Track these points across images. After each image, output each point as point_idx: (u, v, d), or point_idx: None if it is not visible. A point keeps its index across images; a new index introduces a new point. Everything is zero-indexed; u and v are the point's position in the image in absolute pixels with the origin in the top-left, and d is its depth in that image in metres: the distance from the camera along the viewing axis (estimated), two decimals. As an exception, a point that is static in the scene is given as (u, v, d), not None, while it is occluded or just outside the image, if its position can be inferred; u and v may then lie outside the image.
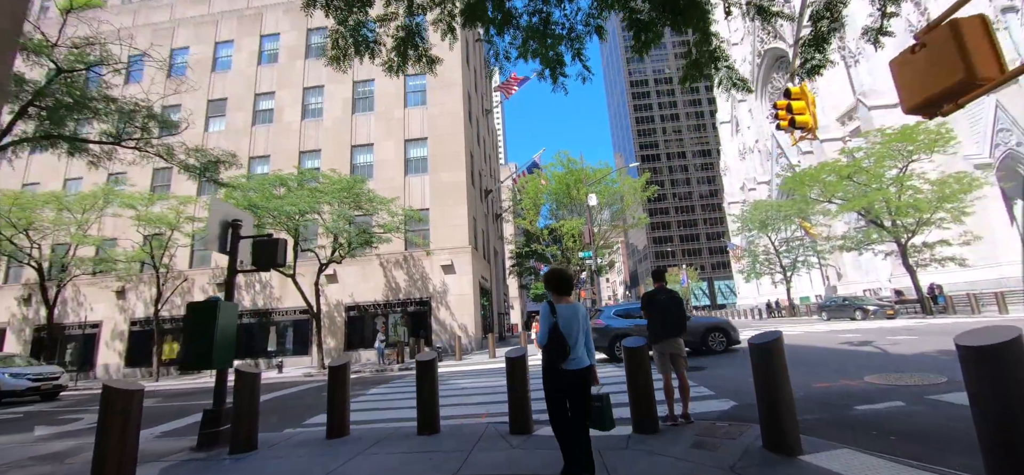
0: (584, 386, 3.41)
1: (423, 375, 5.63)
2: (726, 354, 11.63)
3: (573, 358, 3.36)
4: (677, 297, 5.41)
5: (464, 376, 12.46)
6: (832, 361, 9.25)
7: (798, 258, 38.78)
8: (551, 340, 3.37)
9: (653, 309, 5.31)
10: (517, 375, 5.33)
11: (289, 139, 25.45)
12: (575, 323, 3.41)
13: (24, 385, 13.87)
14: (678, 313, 5.28)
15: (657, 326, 5.24)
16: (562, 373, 3.36)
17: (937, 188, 21.86)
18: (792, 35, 51.87)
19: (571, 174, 23.23)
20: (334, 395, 5.81)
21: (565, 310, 3.44)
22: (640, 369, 4.93)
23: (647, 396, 4.89)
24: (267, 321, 23.16)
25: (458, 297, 21.75)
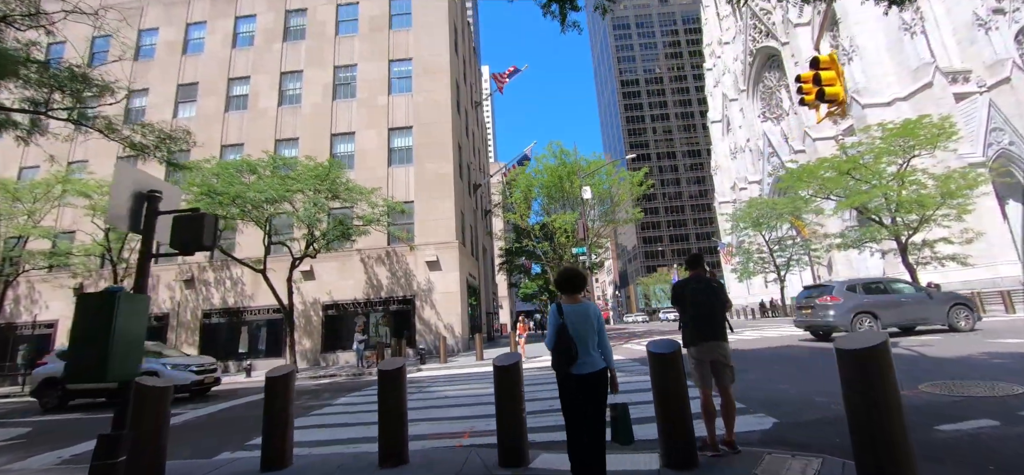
0: (598, 393, 3.12)
1: (387, 389, 4.36)
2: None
3: (583, 361, 3.11)
4: (719, 288, 4.23)
5: (448, 382, 11.19)
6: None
7: (792, 257, 38.19)
8: (558, 342, 3.13)
9: (687, 303, 4.15)
10: (508, 389, 4.11)
11: (264, 127, 23.87)
12: (585, 324, 3.17)
13: (189, 378, 11.32)
14: (713, 308, 4.11)
15: (696, 324, 4.07)
16: (572, 378, 3.13)
17: (941, 184, 21.18)
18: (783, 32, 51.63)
19: (564, 166, 22.05)
20: (271, 415, 4.52)
21: (573, 310, 3.20)
22: (670, 381, 3.74)
23: (680, 417, 3.70)
24: (238, 321, 21.59)
25: (444, 295, 20.45)
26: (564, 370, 3.13)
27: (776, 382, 7.37)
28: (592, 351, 3.16)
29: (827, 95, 7.88)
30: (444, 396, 8.63)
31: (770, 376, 8.02)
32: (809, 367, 8.75)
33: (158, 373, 10.43)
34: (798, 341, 13.37)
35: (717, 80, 70.98)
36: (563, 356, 3.11)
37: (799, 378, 7.64)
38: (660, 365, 3.79)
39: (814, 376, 7.66)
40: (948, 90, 35.00)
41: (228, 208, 14.01)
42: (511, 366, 4.10)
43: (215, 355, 21.09)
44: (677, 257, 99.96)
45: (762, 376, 8.04)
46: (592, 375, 3.11)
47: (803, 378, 7.61)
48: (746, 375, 8.17)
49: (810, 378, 7.54)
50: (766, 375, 8.15)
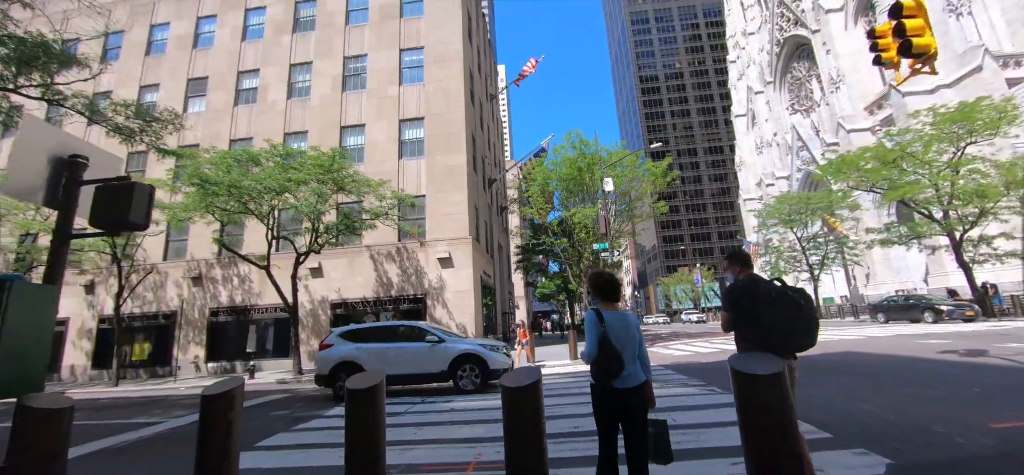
0: (640, 407, 2.87)
1: (358, 416, 3.20)
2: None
3: (627, 374, 2.85)
4: (800, 296, 3.09)
5: (457, 392, 10.03)
6: (965, 380, 6.72)
7: (827, 255, 35.92)
8: (602, 352, 2.82)
9: (754, 309, 3.09)
10: (524, 419, 2.89)
11: (273, 120, 23.20)
12: (626, 333, 2.91)
13: (506, 363, 10.42)
14: (812, 317, 3.04)
15: (770, 336, 3.02)
16: (614, 392, 2.85)
17: (1005, 172, 19.11)
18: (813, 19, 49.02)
19: (583, 157, 20.69)
20: (206, 445, 3.38)
21: (614, 318, 2.92)
22: (774, 406, 2.46)
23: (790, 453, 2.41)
24: (246, 320, 20.90)
25: (456, 294, 19.35)
26: (607, 383, 2.87)
27: (853, 399, 5.99)
28: (634, 363, 2.93)
29: (915, 47, 6.43)
30: (449, 410, 7.47)
31: (839, 391, 6.62)
32: (881, 378, 7.30)
33: (481, 356, 9.72)
34: (849, 348, 11.79)
35: (741, 72, 68.39)
36: (609, 368, 2.83)
37: (879, 393, 6.23)
38: (751, 389, 2.51)
39: (896, 391, 6.24)
40: (999, 75, 32.35)
41: (224, 199, 13.14)
42: (527, 388, 2.88)
43: (223, 355, 20.60)
44: (698, 257, 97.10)
45: (828, 392, 6.64)
46: (635, 389, 2.89)
47: (884, 393, 6.20)
48: (806, 391, 6.78)
49: (893, 393, 6.13)
50: (832, 390, 6.75)
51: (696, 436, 4.82)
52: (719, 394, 6.99)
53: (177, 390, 15.19)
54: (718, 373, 9.26)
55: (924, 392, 6.08)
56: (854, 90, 43.55)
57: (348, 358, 9.45)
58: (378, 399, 3.27)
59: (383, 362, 9.37)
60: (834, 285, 47.15)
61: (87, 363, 21.67)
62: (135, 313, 21.66)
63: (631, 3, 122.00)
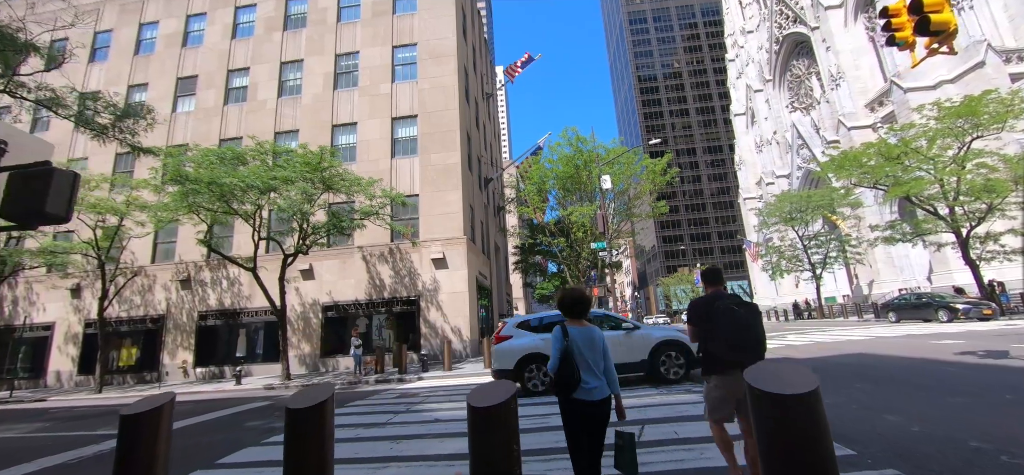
0: (602, 420, 2.97)
1: (299, 441, 2.69)
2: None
3: (588, 387, 2.94)
4: (752, 308, 3.39)
5: (446, 396, 9.52)
6: (992, 386, 6.21)
7: (829, 254, 35.42)
8: (563, 366, 2.94)
9: (710, 323, 3.36)
10: (495, 445, 2.39)
11: (263, 119, 22.70)
12: (590, 347, 3.02)
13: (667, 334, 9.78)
14: (759, 329, 3.30)
15: (723, 348, 3.27)
16: (576, 403, 2.95)
17: (1014, 166, 18.63)
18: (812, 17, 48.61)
19: (580, 155, 20.17)
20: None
21: (579, 333, 3.05)
22: (810, 430, 1.95)
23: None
24: (235, 323, 20.40)
25: (451, 295, 18.84)
26: (567, 396, 2.98)
27: (873, 408, 5.48)
28: (599, 376, 3.04)
29: (933, 24, 5.93)
30: (434, 418, 6.96)
31: (857, 399, 6.11)
32: (900, 383, 6.79)
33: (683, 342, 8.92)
34: (860, 349, 11.28)
35: (740, 71, 67.94)
36: (568, 381, 2.95)
37: (901, 401, 5.72)
38: (788, 409, 2.00)
39: (919, 398, 5.74)
40: (1002, 70, 31.84)
41: (206, 198, 12.60)
42: (499, 409, 2.37)
43: (211, 360, 20.07)
44: (699, 257, 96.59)
45: (845, 399, 6.13)
46: (598, 402, 2.98)
47: (906, 401, 5.69)
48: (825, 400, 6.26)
49: (916, 401, 5.63)
50: (849, 397, 6.24)
51: (700, 452, 4.31)
52: (724, 401, 6.47)
53: (160, 397, 14.64)
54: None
55: (950, 399, 5.57)
56: (854, 87, 43.10)
57: (534, 350, 8.71)
58: (325, 420, 2.76)
59: None
60: (836, 284, 46.64)
61: (73, 369, 21.14)
62: (122, 317, 21.13)
63: (629, 3, 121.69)
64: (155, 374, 19.98)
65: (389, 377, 14.04)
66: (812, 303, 37.98)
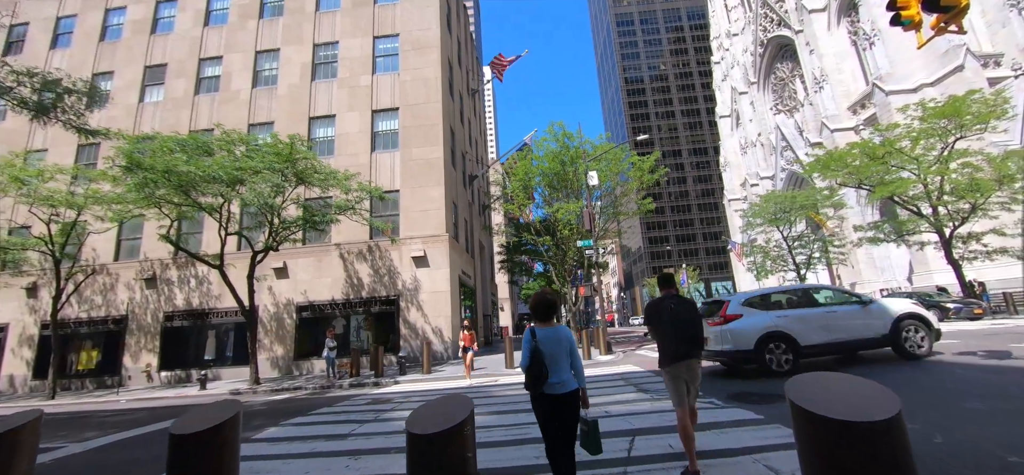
0: (570, 411, 3.24)
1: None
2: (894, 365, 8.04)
3: (555, 382, 3.23)
4: (691, 305, 4.10)
5: (422, 401, 8.82)
6: (1005, 390, 5.80)
7: (813, 255, 35.59)
8: (532, 363, 3.22)
9: (659, 323, 4.01)
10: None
11: (237, 109, 21.66)
12: (557, 346, 3.30)
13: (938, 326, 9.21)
14: (696, 327, 3.92)
15: (669, 344, 3.92)
16: (545, 398, 3.24)
17: (997, 166, 18.69)
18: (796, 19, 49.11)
19: (566, 150, 19.62)
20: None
21: (546, 333, 3.33)
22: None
23: None
24: (204, 324, 19.34)
25: (432, 295, 18.12)
26: (537, 390, 3.21)
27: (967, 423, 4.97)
28: (565, 372, 3.28)
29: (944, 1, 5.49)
30: (404, 429, 6.28)
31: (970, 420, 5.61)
32: (904, 387, 6.35)
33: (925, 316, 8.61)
34: (952, 355, 10.89)
35: (725, 73, 68.48)
36: (536, 377, 3.18)
37: (911, 407, 5.25)
38: (856, 439, 1.40)
39: (930, 404, 5.28)
40: (981, 73, 32.39)
41: (166, 190, 11.66)
42: (446, 437, 1.74)
43: (178, 363, 18.97)
44: (684, 258, 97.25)
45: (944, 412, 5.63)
46: (565, 395, 3.22)
47: (917, 408, 5.23)
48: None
49: (928, 408, 5.17)
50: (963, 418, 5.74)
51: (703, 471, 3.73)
52: (722, 408, 5.95)
53: (116, 403, 13.65)
54: (712, 378, 8.27)
55: (966, 405, 5.12)
56: (837, 90, 43.58)
57: (773, 328, 8.19)
58: (224, 448, 2.08)
59: (815, 329, 8.22)
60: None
61: (28, 373, 19.81)
62: (82, 318, 19.91)
63: (616, 4, 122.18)
64: (117, 378, 18.83)
65: (364, 381, 13.28)
66: (796, 303, 38.13)
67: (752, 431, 4.68)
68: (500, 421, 6.33)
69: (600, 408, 6.52)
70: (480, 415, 6.88)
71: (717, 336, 8.49)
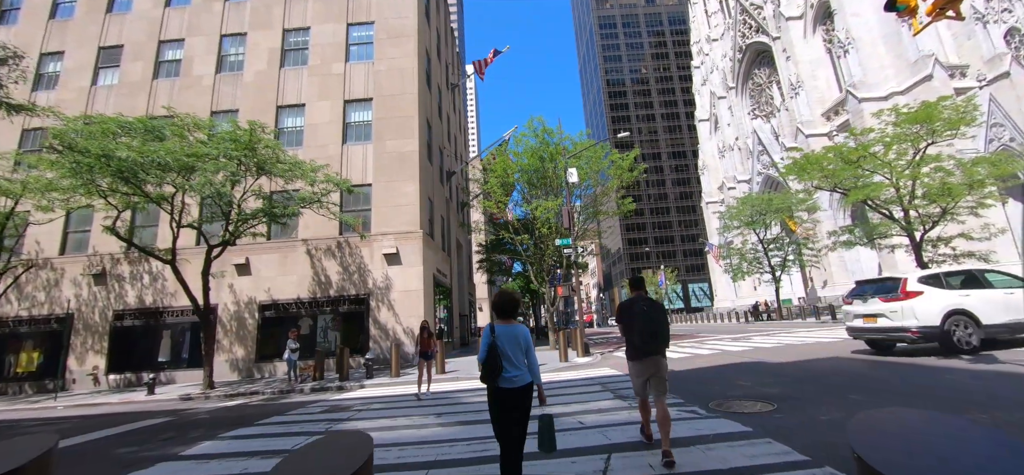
0: (523, 404, 3.41)
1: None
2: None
3: (510, 376, 3.39)
4: (659, 306, 4.37)
5: (383, 409, 8.15)
6: (1016, 399, 5.49)
7: (787, 257, 36.14)
8: (489, 358, 3.39)
9: (630, 321, 4.37)
10: None
11: (199, 96, 20.40)
12: (513, 342, 3.46)
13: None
14: (661, 325, 4.26)
15: (636, 340, 4.30)
16: (500, 391, 3.39)
17: (968, 171, 19.04)
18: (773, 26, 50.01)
19: (546, 147, 19.12)
20: None
21: (505, 330, 3.50)
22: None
23: None
24: (158, 324, 18.10)
25: (404, 294, 17.35)
26: (493, 383, 3.38)
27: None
28: (520, 367, 3.43)
29: (943, -18, 5.15)
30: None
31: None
32: (908, 398, 6.02)
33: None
34: (850, 352, 10.71)
35: (705, 78, 69.44)
36: (492, 370, 3.35)
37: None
38: None
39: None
40: (948, 83, 33.45)
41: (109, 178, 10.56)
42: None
43: (128, 365, 17.66)
44: (663, 259, 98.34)
45: (849, 415, 5.24)
46: (519, 389, 3.37)
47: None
48: (821, 414, 5.35)
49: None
50: (852, 412, 5.36)
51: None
52: (705, 418, 5.48)
53: (53, 410, 12.46)
54: (701, 380, 7.86)
55: (980, 418, 4.75)
56: (812, 96, 44.51)
57: (958, 306, 8.16)
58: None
59: (998, 309, 8.14)
60: (791, 287, 47.98)
61: (-41, 376, 18.15)
62: (22, 316, 18.40)
63: (600, 6, 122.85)
64: (59, 382, 17.40)
65: (328, 384, 12.46)
66: (771, 304, 38.69)
67: (740, 448, 4.20)
68: (464, 433, 5.72)
69: (573, 418, 5.98)
70: (443, 426, 6.25)
71: (897, 312, 8.42)
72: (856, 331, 9.75)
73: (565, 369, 12.34)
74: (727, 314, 47.85)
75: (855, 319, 9.66)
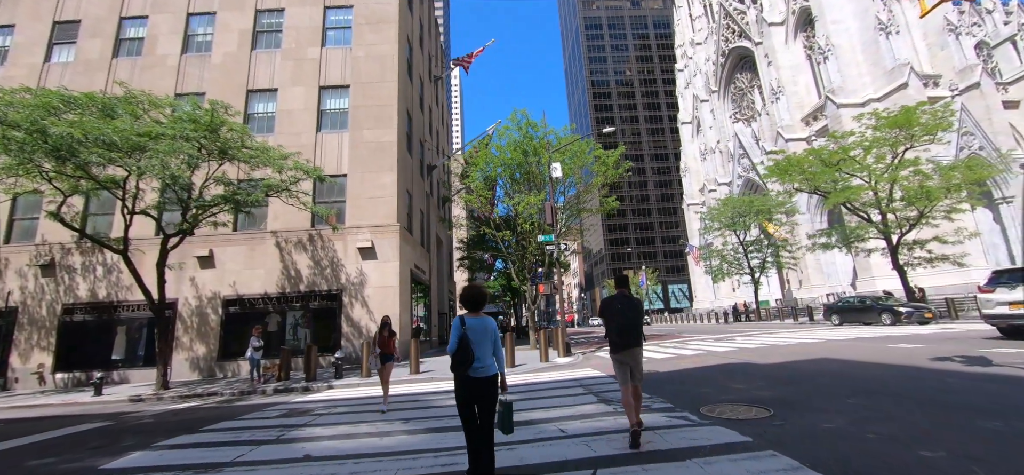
0: (490, 392, 3.62)
1: None
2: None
3: (479, 366, 3.57)
4: (636, 303, 4.87)
5: (347, 414, 7.47)
6: (1014, 401, 5.16)
7: (766, 259, 36.49)
8: (459, 349, 3.56)
9: (610, 316, 4.83)
10: None
11: (162, 77, 19.15)
12: (483, 334, 3.65)
13: None
14: (636, 321, 4.74)
15: (614, 335, 4.76)
16: (469, 380, 3.56)
17: (945, 175, 19.29)
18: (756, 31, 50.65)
19: (529, 140, 18.56)
20: None
21: (474, 323, 3.68)
22: None
23: None
24: (112, 319, 16.86)
25: (379, 290, 16.56)
26: (462, 372, 3.58)
27: (893, 439, 4.15)
28: (488, 358, 3.66)
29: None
30: (304, 455, 4.93)
31: (857, 419, 4.82)
32: (899, 399, 5.66)
33: None
34: (820, 353, 10.45)
35: (688, 81, 70.03)
36: (463, 360, 3.55)
37: (919, 425, 4.47)
38: None
39: (940, 422, 4.53)
40: (923, 92, 34.18)
41: (25, 150, 9.44)
42: None
43: (78, 364, 16.37)
44: (644, 260, 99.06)
45: (842, 421, 4.82)
46: (486, 378, 3.62)
47: (926, 425, 4.45)
48: (808, 416, 4.92)
49: (941, 427, 4.39)
50: (847, 418, 4.95)
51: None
52: (698, 426, 4.98)
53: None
54: (688, 382, 7.41)
55: (985, 424, 4.37)
56: (792, 101, 45.15)
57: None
58: None
59: None
60: (769, 288, 48.67)
61: None
62: (-50, 311, 16.88)
63: (586, 7, 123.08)
64: (1, 380, 16.05)
65: (293, 385, 11.64)
66: (750, 306, 39.02)
67: (744, 462, 3.71)
68: (432, 443, 5.11)
69: (554, 425, 5.43)
70: (409, 434, 5.63)
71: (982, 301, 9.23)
72: (999, 318, 10.18)
73: (546, 369, 11.82)
74: (706, 315, 48.22)
75: (998, 306, 10.04)
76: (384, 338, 7.92)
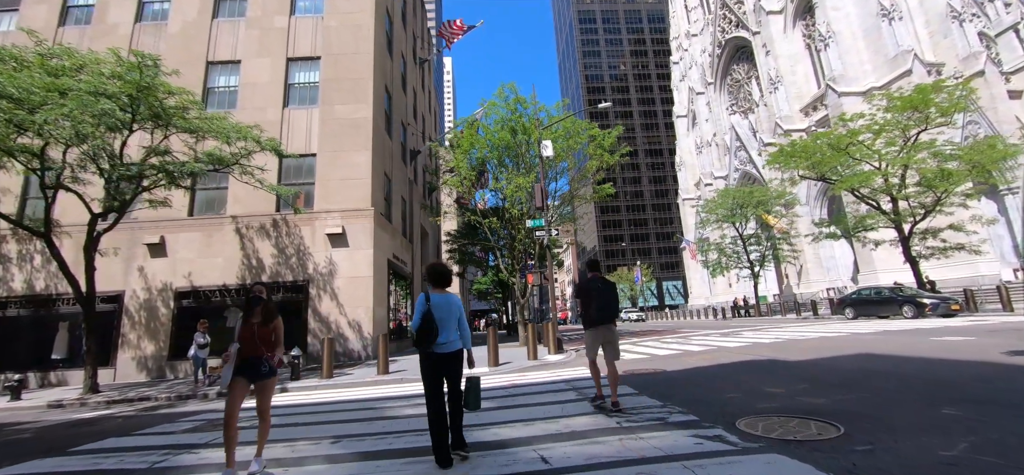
0: (455, 367, 3.70)
1: None
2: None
3: (443, 341, 3.64)
4: (611, 285, 5.45)
5: (284, 426, 5.86)
6: None
7: (765, 253, 35.23)
8: (424, 324, 3.55)
9: (588, 297, 5.34)
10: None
11: (113, 45, 17.22)
12: (447, 311, 3.68)
13: None
14: (612, 300, 5.34)
15: (594, 312, 5.29)
16: (433, 355, 3.60)
17: (967, 155, 17.99)
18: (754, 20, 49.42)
19: (517, 118, 16.98)
20: None
21: (439, 299, 3.70)
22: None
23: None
24: (51, 315, 15.04)
25: (350, 280, 14.92)
26: (427, 349, 3.61)
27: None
28: (452, 334, 3.70)
29: None
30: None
31: (993, 442, 3.33)
32: (996, 404, 4.19)
33: None
34: (858, 349, 9.00)
35: (683, 74, 68.76)
36: (426, 335, 3.57)
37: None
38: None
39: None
40: (927, 80, 33.01)
41: None
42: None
43: (7, 364, 14.56)
44: (638, 256, 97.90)
45: (978, 445, 3.33)
46: (451, 353, 3.69)
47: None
48: (934, 444, 3.43)
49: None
50: (970, 433, 3.46)
51: None
52: (744, 452, 3.46)
53: None
54: (704, 383, 5.93)
55: None
56: (791, 91, 43.97)
57: None
58: None
59: None
60: (766, 284, 47.58)
61: None
62: None
63: (580, 1, 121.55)
64: (-79, 383, 14.20)
65: (241, 388, 9.99)
66: (748, 301, 37.79)
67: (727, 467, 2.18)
68: (370, 469, 3.54)
69: (531, 450, 3.88)
70: (342, 462, 4.04)
71: None
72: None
73: (533, 368, 10.29)
74: (703, 311, 46.98)
75: None
76: (251, 327, 3.77)
